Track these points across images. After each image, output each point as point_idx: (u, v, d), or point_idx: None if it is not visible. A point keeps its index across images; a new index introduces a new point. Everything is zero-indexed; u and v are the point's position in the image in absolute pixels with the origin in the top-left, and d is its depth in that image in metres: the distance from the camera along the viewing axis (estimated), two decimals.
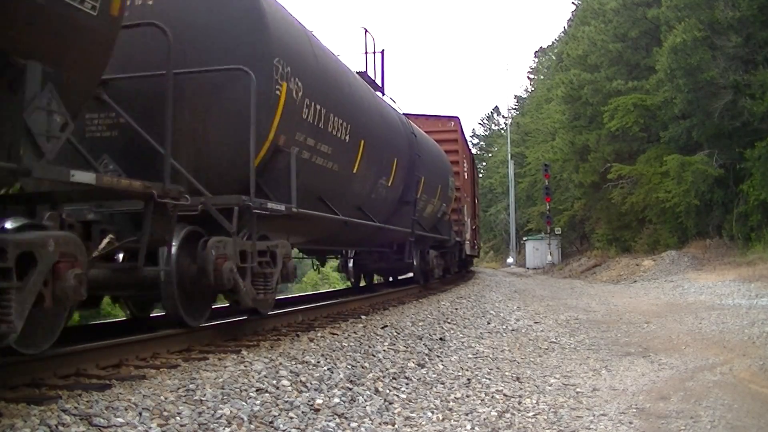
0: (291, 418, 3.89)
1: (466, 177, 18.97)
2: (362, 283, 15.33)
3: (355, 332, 6.72)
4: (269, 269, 6.10)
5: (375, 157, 9.23)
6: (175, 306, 5.40)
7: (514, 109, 71.01)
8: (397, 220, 11.08)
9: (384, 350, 6.20)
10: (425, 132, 14.21)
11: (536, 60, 67.52)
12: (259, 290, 5.96)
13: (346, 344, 6.00)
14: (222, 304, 6.84)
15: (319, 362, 5.10)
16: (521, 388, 5.64)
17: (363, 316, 8.21)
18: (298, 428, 3.77)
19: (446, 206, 14.76)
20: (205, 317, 5.83)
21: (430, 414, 4.59)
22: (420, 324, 8.19)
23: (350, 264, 13.90)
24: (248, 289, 5.72)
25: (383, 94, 11.52)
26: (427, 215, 13.29)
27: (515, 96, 77.80)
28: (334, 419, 4.05)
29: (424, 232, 13.00)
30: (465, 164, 19.00)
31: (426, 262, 13.64)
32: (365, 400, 4.58)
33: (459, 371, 6.09)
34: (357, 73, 9.74)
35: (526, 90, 71.02)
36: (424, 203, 12.72)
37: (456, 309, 10.55)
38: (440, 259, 14.96)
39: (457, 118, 18.36)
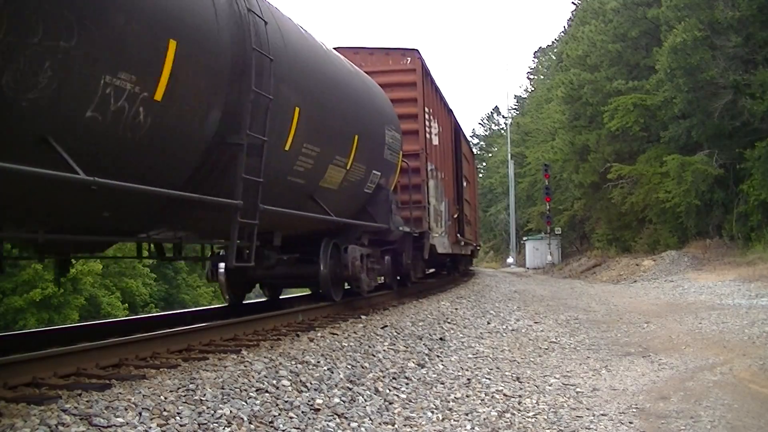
0: (291, 418, 3.89)
1: (436, 142, 12.95)
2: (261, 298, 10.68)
3: (355, 332, 6.72)
4: None
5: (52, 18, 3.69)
6: None
7: (514, 109, 71.07)
8: (222, 185, 5.51)
9: (384, 350, 6.20)
10: (366, 72, 9.60)
11: (536, 60, 67.62)
12: None
13: (346, 344, 6.00)
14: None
15: (319, 362, 5.10)
16: (521, 388, 5.64)
17: (363, 316, 8.21)
18: (298, 428, 3.77)
19: (382, 177, 9.21)
20: None
21: (430, 414, 4.59)
22: (420, 324, 8.19)
23: (221, 270, 8.44)
24: None
25: None
26: (333, 186, 7.70)
27: (515, 96, 77.96)
28: (334, 419, 4.05)
29: (326, 216, 7.53)
30: (434, 123, 12.77)
31: (343, 265, 8.42)
32: (365, 400, 4.58)
33: (459, 371, 6.09)
34: None
35: (526, 90, 71.10)
36: (314, 161, 6.91)
37: (456, 309, 10.55)
38: (377, 262, 9.64)
39: (415, 51, 11.89)
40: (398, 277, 11.40)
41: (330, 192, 7.68)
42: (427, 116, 12.05)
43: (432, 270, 18.66)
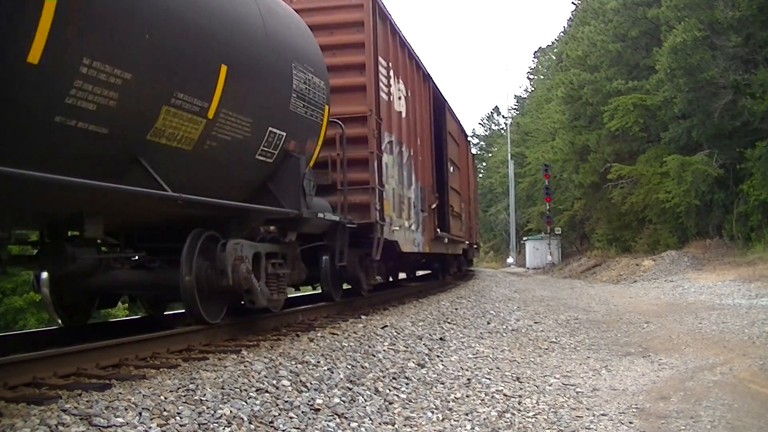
0: (291, 418, 3.89)
1: (400, 109, 10.26)
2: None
3: (355, 332, 6.72)
4: None
5: None
6: None
7: (514, 109, 71.16)
8: None
9: (384, 350, 6.20)
10: (300, 11, 7.40)
11: (536, 60, 67.69)
12: None
13: (346, 344, 6.00)
14: None
15: (319, 362, 5.10)
16: (521, 388, 5.64)
17: (363, 316, 8.21)
18: (298, 428, 3.77)
19: (290, 141, 6.35)
20: None
21: (430, 414, 4.59)
22: (420, 324, 8.19)
23: (42, 277, 5.49)
24: None
25: None
26: (182, 144, 4.89)
27: (515, 96, 78.03)
28: (334, 419, 4.05)
29: (160, 192, 4.61)
30: (397, 84, 10.16)
31: (220, 270, 5.59)
32: (365, 400, 4.58)
33: (459, 371, 6.09)
34: None
35: (526, 90, 71.19)
36: (121, 95, 4.09)
37: (456, 309, 10.56)
38: (291, 264, 6.89)
39: None
40: (344, 285, 9.07)
41: (177, 154, 4.87)
42: (382, 70, 9.19)
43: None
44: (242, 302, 6.10)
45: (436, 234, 12.96)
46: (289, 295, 7.42)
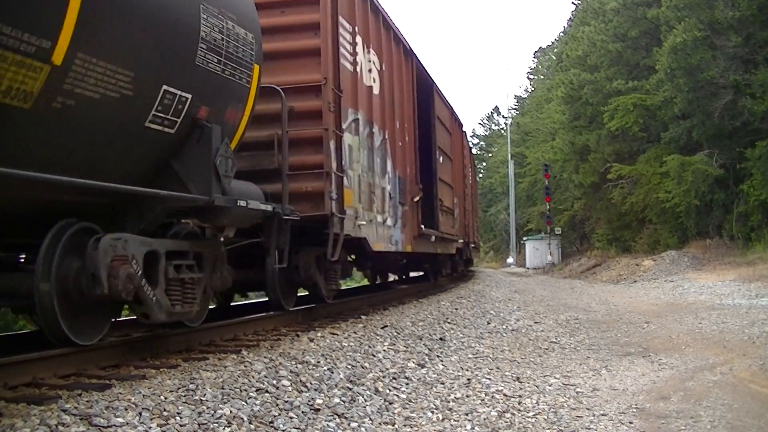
0: (291, 418, 3.89)
1: (371, 84, 8.81)
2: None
3: (355, 332, 6.72)
4: None
5: None
6: None
7: (514, 109, 71.15)
8: None
9: (384, 350, 6.20)
10: None
11: (536, 60, 67.71)
12: None
13: (346, 344, 6.00)
14: None
15: (319, 362, 5.10)
16: (521, 388, 5.64)
17: (363, 316, 8.21)
18: (298, 428, 3.77)
19: (200, 106, 4.80)
20: None
21: (430, 414, 4.59)
22: (420, 324, 8.19)
23: None
24: None
25: None
26: (9, 99, 3.36)
27: (515, 96, 78.03)
28: (334, 419, 4.05)
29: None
30: (367, 54, 8.70)
31: (93, 277, 4.15)
32: (365, 400, 4.58)
33: (459, 371, 6.09)
34: None
35: (526, 90, 71.18)
36: None
37: (456, 309, 10.56)
38: (204, 265, 5.28)
39: None
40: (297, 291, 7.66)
41: (7, 114, 3.43)
42: (345, 34, 7.70)
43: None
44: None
45: (420, 231, 11.30)
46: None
